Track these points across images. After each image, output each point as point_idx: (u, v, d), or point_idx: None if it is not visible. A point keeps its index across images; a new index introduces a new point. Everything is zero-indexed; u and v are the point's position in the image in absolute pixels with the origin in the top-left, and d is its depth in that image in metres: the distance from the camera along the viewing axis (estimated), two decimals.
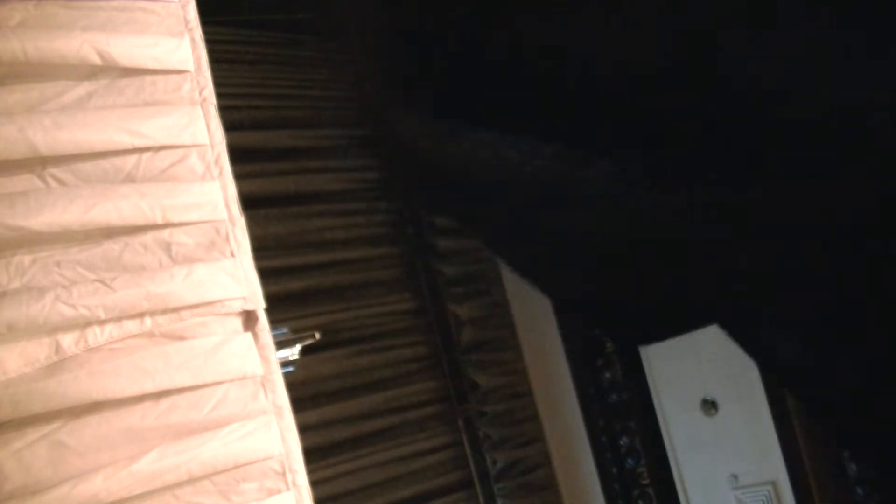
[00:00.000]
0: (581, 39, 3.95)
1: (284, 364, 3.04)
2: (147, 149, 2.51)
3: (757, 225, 4.17)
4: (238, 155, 2.75)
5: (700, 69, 3.66)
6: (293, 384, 2.71)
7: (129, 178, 2.48)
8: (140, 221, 2.43)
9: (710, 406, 4.93)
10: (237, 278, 2.54)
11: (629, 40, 3.81)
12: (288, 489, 2.52)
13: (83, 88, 2.47)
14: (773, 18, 3.47)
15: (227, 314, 2.54)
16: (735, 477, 4.87)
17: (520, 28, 4.12)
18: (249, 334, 2.56)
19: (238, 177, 2.66)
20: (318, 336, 3.60)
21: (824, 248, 4.07)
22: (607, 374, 5.38)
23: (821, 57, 3.43)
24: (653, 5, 3.72)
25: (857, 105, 3.53)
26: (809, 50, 3.45)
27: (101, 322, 2.32)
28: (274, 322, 2.66)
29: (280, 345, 3.06)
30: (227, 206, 2.59)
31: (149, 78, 2.57)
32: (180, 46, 2.62)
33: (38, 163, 2.36)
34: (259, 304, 2.58)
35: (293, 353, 3.49)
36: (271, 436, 2.52)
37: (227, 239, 2.57)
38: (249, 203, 2.75)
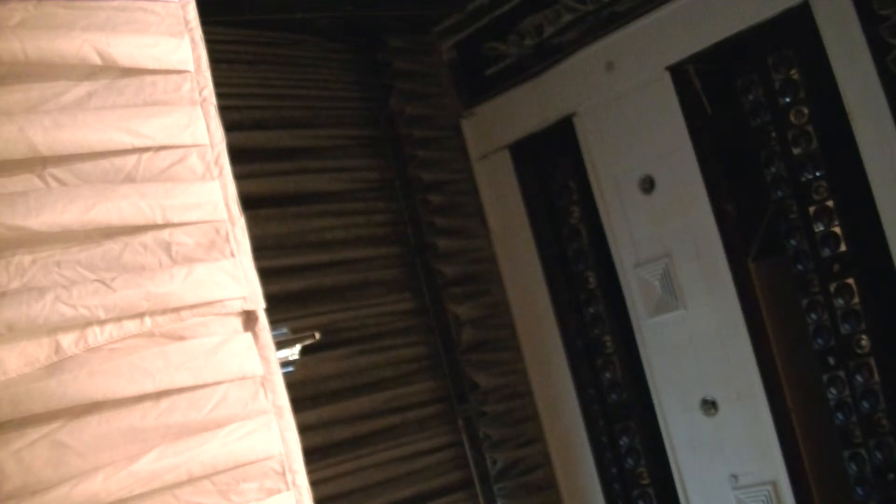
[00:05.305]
0: None
1: (284, 364, 3.04)
2: (147, 149, 2.51)
3: None
4: (238, 155, 2.75)
5: None
6: (293, 384, 2.71)
7: (129, 178, 2.48)
8: (140, 221, 2.43)
9: (710, 406, 4.93)
10: (237, 278, 2.54)
11: None
12: (288, 489, 2.52)
13: (83, 88, 2.47)
14: None
15: (227, 314, 2.54)
16: (735, 477, 4.86)
17: None
18: (249, 334, 2.56)
19: (238, 177, 2.66)
20: (318, 336, 3.61)
21: None
22: (607, 374, 5.37)
23: None
24: None
25: None
26: None
27: (101, 322, 2.32)
28: (274, 322, 2.66)
29: (280, 345, 3.06)
30: (227, 206, 2.59)
31: (149, 78, 2.57)
32: (180, 46, 2.62)
33: (38, 163, 2.36)
34: (259, 304, 2.58)
35: (293, 353, 3.50)
36: (271, 436, 2.52)
37: (227, 239, 2.57)
38: (249, 203, 2.75)
